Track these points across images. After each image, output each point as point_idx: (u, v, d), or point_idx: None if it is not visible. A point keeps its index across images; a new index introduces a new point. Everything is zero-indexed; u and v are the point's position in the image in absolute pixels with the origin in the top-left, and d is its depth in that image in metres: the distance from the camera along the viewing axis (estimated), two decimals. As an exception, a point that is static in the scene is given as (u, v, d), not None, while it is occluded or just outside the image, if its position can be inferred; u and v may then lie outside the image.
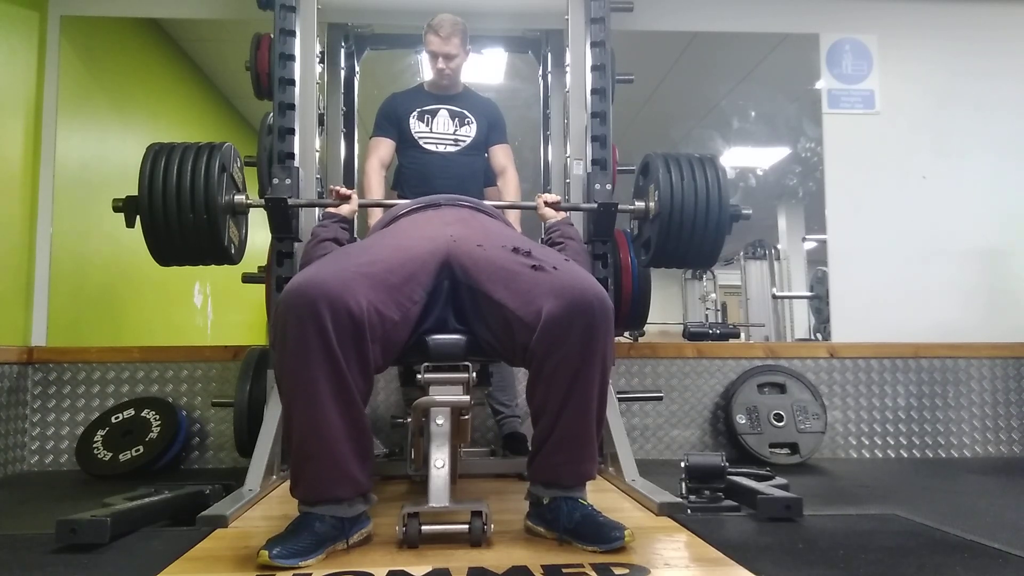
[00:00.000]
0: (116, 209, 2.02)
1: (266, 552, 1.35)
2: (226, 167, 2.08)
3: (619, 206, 2.27)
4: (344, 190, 2.16)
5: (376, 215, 2.53)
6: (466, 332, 1.69)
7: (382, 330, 1.52)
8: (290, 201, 2.23)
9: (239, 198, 2.14)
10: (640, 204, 2.23)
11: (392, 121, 2.69)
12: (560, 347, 1.50)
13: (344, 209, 2.13)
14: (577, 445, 1.56)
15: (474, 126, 2.70)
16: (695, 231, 2.11)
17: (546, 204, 2.22)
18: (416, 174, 2.66)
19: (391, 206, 2.14)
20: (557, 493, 1.57)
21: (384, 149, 2.69)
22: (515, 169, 2.78)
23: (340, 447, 1.45)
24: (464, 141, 2.68)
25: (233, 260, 2.18)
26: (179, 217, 1.98)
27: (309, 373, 1.44)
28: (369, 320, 1.48)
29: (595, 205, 2.30)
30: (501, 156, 2.77)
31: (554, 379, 1.52)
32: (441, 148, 2.66)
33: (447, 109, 2.69)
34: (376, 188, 2.65)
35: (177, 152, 2.03)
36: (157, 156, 2.02)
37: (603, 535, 1.48)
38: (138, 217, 2.01)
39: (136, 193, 2.00)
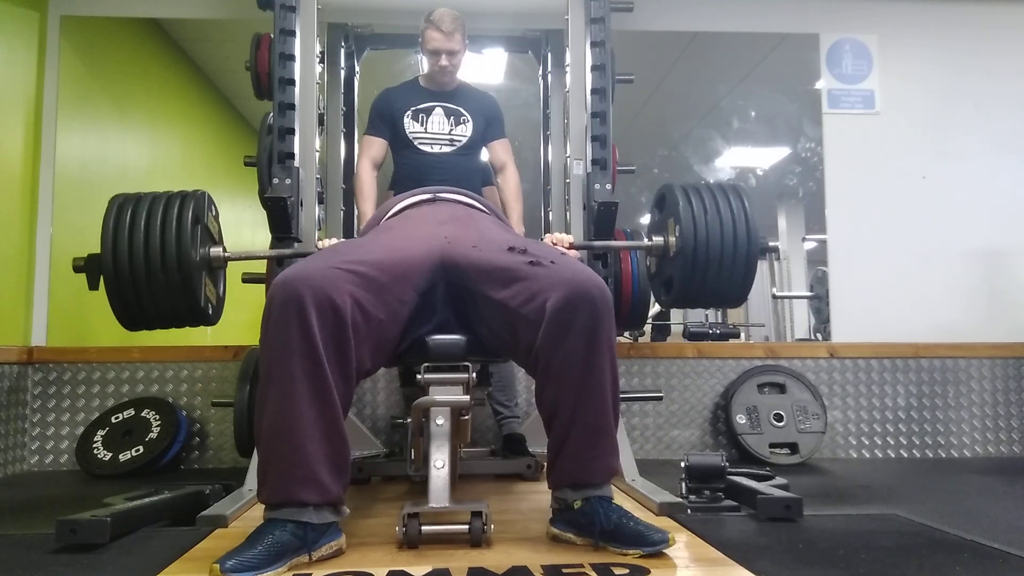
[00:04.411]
0: (77, 269, 1.85)
1: (218, 566, 1.29)
2: (200, 218, 1.90)
3: (635, 244, 2.18)
4: (332, 240, 2.07)
5: (368, 214, 2.53)
6: (468, 333, 1.69)
7: (367, 329, 1.50)
8: (275, 253, 2.16)
9: (215, 251, 1.98)
10: (659, 239, 2.06)
11: (386, 120, 2.66)
12: (566, 339, 1.49)
13: None
14: (600, 437, 1.52)
15: (470, 125, 2.67)
16: (723, 268, 1.94)
17: (553, 244, 2.03)
18: (411, 176, 2.61)
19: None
20: (590, 493, 1.52)
21: (376, 149, 2.66)
22: (515, 165, 2.76)
23: (310, 447, 1.41)
24: (460, 141, 2.65)
25: (211, 321, 2.01)
26: (148, 278, 1.80)
27: (287, 364, 1.41)
28: (353, 318, 1.46)
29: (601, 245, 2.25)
30: (500, 152, 2.73)
31: (564, 373, 1.50)
32: (436, 148, 2.63)
33: (442, 107, 2.65)
34: (369, 191, 2.63)
35: (144, 203, 1.85)
36: (122, 209, 1.84)
37: (646, 538, 1.45)
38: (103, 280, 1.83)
39: (99, 250, 1.82)
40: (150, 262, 1.81)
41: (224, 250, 2.02)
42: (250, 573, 1.30)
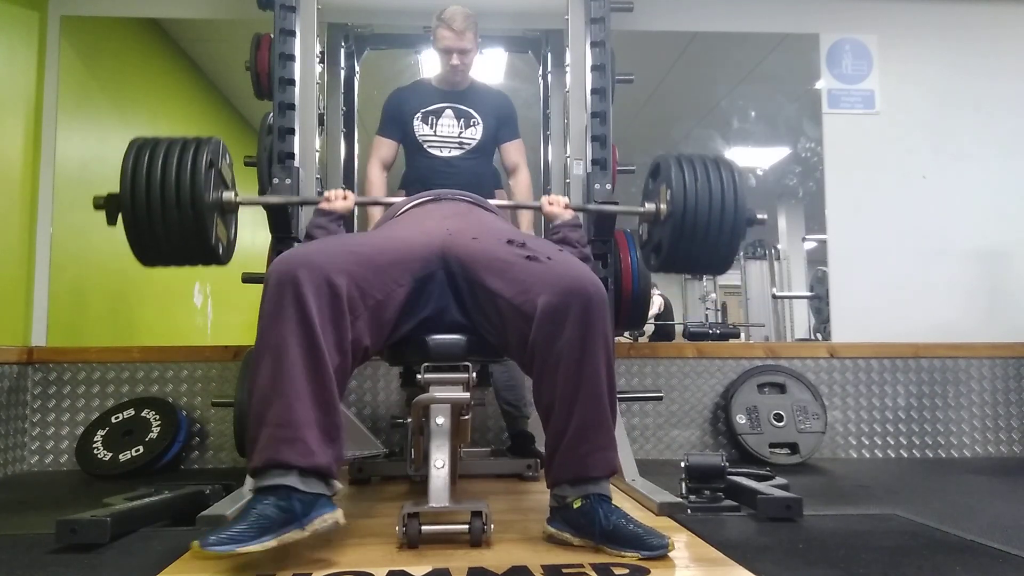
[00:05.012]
0: (97, 207, 1.92)
1: (197, 542, 1.23)
2: (214, 163, 1.98)
3: (629, 208, 2.22)
4: (341, 192, 2.07)
5: (376, 219, 2.52)
6: (466, 325, 1.69)
7: (364, 307, 1.51)
8: (282, 199, 2.19)
9: (228, 195, 2.04)
10: (650, 206, 2.12)
11: (397, 122, 2.64)
12: (560, 334, 1.50)
13: (338, 205, 2.01)
14: (598, 431, 1.51)
15: (480, 127, 2.64)
16: (709, 233, 1.99)
17: (550, 204, 2.11)
18: (421, 179, 2.59)
19: (388, 204, 2.12)
20: (589, 489, 1.51)
21: (385, 150, 2.66)
22: (527, 167, 2.73)
23: (299, 409, 1.37)
24: (469, 144, 2.62)
25: (221, 260, 2.07)
26: (163, 215, 1.87)
27: (280, 330, 1.40)
28: (349, 294, 1.48)
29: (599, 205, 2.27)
30: (513, 154, 2.70)
31: (560, 368, 1.50)
32: (446, 152, 2.61)
33: (453, 108, 2.63)
34: (378, 191, 2.63)
35: (162, 147, 1.92)
36: (140, 151, 1.92)
37: (645, 541, 1.44)
38: (120, 216, 1.89)
39: (118, 190, 1.89)
40: (165, 201, 1.87)
41: (236, 195, 2.07)
42: (230, 547, 1.25)
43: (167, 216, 1.87)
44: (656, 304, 5.66)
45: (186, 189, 1.87)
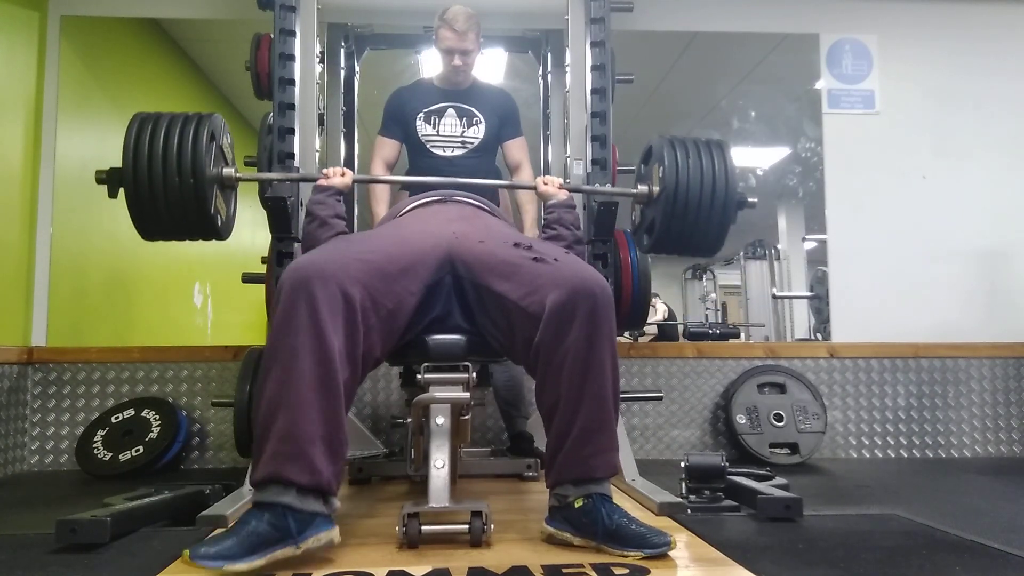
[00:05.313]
0: (99, 180, 1.93)
1: (187, 552, 1.25)
2: (215, 137, 2.00)
3: (623, 190, 2.23)
4: (340, 169, 2.06)
5: (380, 215, 2.53)
6: (470, 329, 1.69)
7: (376, 317, 1.51)
8: (281, 176, 2.20)
9: (227, 171, 2.06)
10: (643, 188, 2.14)
11: (399, 122, 2.64)
12: (567, 334, 1.50)
13: (337, 181, 1.99)
14: (602, 433, 1.52)
15: (483, 126, 2.64)
16: (700, 212, 2.01)
17: (544, 184, 2.09)
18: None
19: (388, 183, 2.10)
20: (592, 489, 1.51)
21: (388, 150, 2.65)
22: (531, 165, 2.73)
23: (305, 424, 1.37)
24: (472, 143, 2.62)
25: (220, 234, 2.08)
26: (164, 186, 1.88)
27: (291, 344, 1.39)
28: (362, 304, 1.47)
29: (596, 187, 2.28)
30: (515, 151, 2.70)
31: (565, 368, 1.51)
32: (448, 152, 2.61)
33: (455, 107, 2.63)
34: (381, 192, 2.63)
35: (164, 120, 1.94)
36: (143, 124, 1.93)
37: (647, 540, 1.44)
38: (122, 190, 1.91)
39: (120, 165, 1.91)
40: (167, 172, 1.89)
41: (236, 171, 2.10)
42: (218, 563, 1.25)
43: (168, 187, 1.89)
44: (660, 312, 5.67)
45: (187, 161, 1.89)
